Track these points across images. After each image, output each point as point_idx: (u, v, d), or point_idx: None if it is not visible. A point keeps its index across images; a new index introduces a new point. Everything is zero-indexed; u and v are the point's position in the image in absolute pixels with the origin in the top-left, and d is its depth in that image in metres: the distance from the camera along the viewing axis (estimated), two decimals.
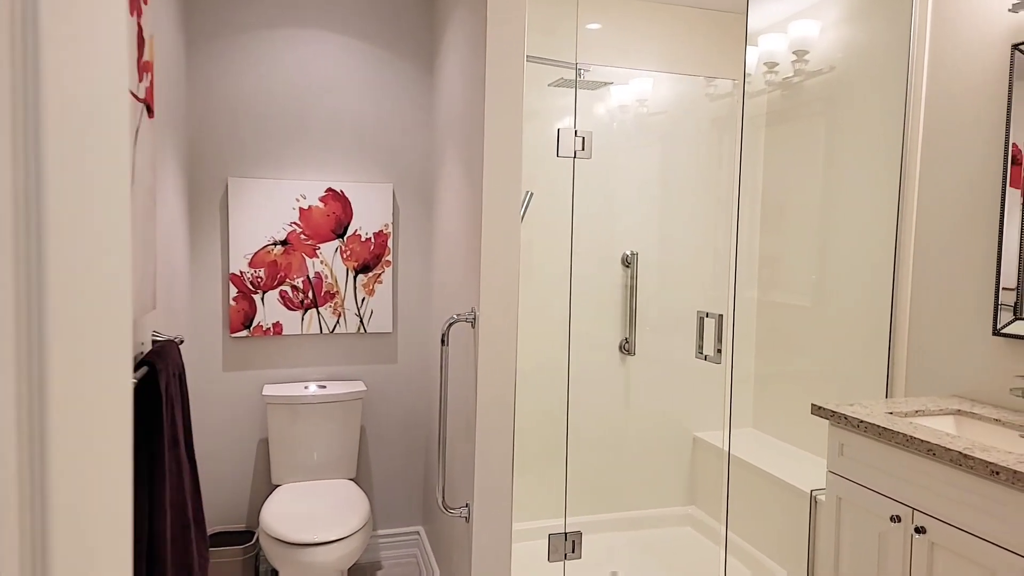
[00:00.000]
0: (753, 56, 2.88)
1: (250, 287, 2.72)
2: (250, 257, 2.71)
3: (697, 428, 3.04)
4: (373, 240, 2.84)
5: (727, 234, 3.01)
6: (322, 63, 2.79)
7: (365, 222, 2.83)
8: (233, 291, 2.70)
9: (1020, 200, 1.87)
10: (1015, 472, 1.40)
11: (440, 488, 2.22)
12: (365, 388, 2.82)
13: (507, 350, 2.08)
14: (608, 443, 2.95)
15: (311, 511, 2.39)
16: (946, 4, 2.11)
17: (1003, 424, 1.80)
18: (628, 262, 2.90)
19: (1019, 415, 1.85)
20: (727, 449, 2.84)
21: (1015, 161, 1.89)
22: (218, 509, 2.80)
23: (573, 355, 2.87)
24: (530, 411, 2.85)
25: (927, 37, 2.17)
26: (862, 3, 2.46)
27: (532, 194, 2.47)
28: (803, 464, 2.59)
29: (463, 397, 2.26)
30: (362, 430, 2.96)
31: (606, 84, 2.77)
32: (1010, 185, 1.90)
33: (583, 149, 2.24)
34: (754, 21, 2.87)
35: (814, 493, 2.30)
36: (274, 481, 2.68)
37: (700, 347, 2.44)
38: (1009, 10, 1.87)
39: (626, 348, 2.93)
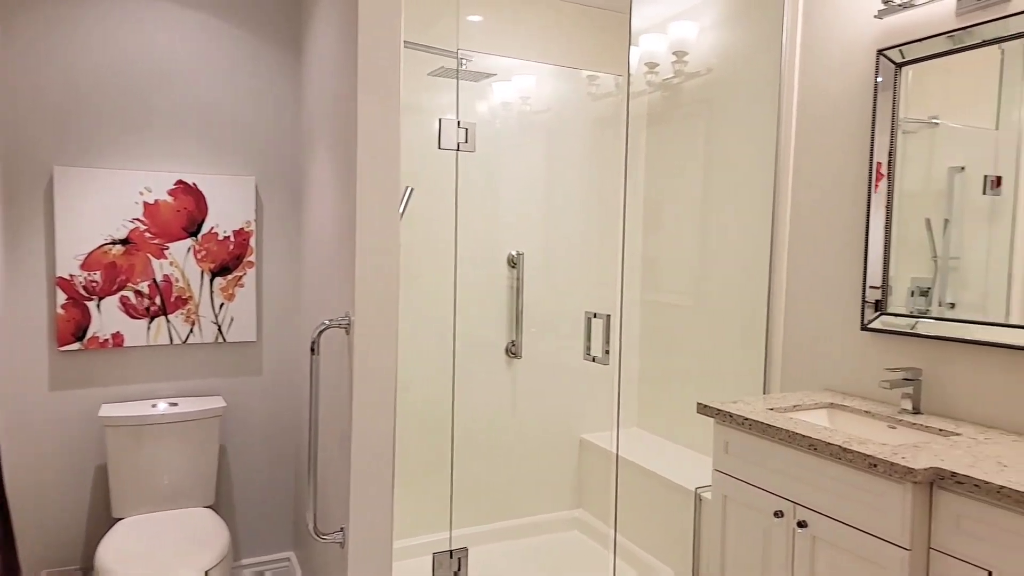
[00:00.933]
0: (634, 56, 2.89)
1: (83, 293, 2.35)
2: (83, 258, 2.35)
3: (584, 430, 3.00)
4: (233, 239, 2.56)
5: (613, 234, 3.00)
6: (172, 40, 2.48)
7: (223, 219, 2.54)
8: (61, 297, 2.33)
9: (884, 203, 1.96)
10: (892, 464, 1.43)
11: (311, 512, 2.01)
12: (224, 404, 2.53)
13: (386, 357, 1.91)
14: (494, 450, 2.84)
15: (158, 547, 2.09)
16: (816, 9, 2.18)
17: (872, 416, 1.87)
18: (514, 262, 2.81)
19: (886, 406, 1.93)
20: (615, 450, 2.82)
21: (879, 167, 1.97)
22: (47, 549, 2.41)
23: (458, 359, 2.74)
24: (412, 420, 2.68)
25: (798, 42, 2.24)
26: (737, 6, 2.51)
27: (412, 190, 2.32)
28: (688, 462, 2.61)
29: (337, 410, 2.06)
30: (221, 451, 2.66)
31: (489, 76, 2.66)
32: (875, 190, 1.98)
33: (466, 141, 2.11)
34: (635, 20, 2.88)
35: (699, 491, 2.31)
36: (115, 514, 2.34)
37: (588, 348, 2.39)
38: (875, 16, 1.95)
39: (512, 351, 2.83)
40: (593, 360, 2.38)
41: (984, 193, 1.73)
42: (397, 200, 1.88)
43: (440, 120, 2.10)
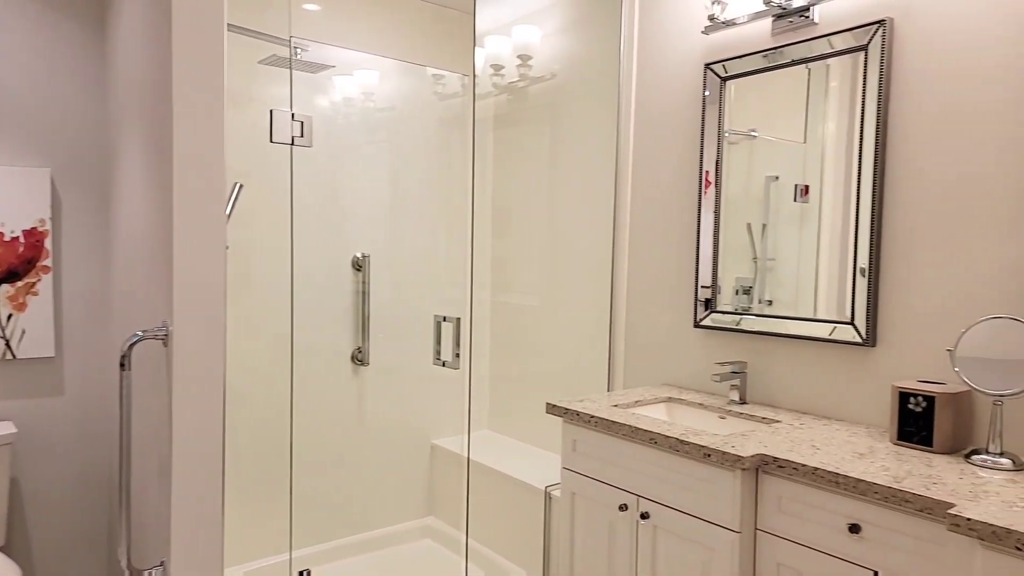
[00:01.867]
0: (480, 57, 2.88)
1: None
2: None
3: (435, 435, 2.94)
4: (22, 240, 2.21)
5: (462, 236, 2.97)
6: None
7: (9, 217, 2.18)
8: None
9: (712, 209, 2.09)
10: (723, 453, 1.51)
11: (124, 546, 1.77)
12: (15, 430, 2.17)
13: (212, 369, 1.73)
14: (340, 462, 2.69)
15: None
16: (650, 21, 2.29)
17: (706, 407, 1.98)
18: (359, 265, 2.68)
19: (717, 398, 2.06)
20: (466, 454, 2.78)
21: (707, 175, 2.10)
22: None
23: (298, 368, 2.56)
24: (247, 435, 2.47)
25: (635, 51, 2.33)
26: (578, 14, 2.58)
27: (241, 186, 2.13)
28: (539, 462, 2.63)
29: (156, 430, 1.84)
30: (13, 484, 2.29)
31: (327, 67, 2.51)
32: (704, 196, 2.11)
33: (302, 135, 1.97)
34: (480, 22, 2.86)
35: (548, 490, 2.34)
36: None
37: (438, 353, 2.33)
38: (702, 32, 2.07)
39: (359, 358, 2.70)
40: (443, 365, 2.33)
41: (795, 200, 1.90)
42: (223, 197, 1.70)
43: (271, 111, 1.94)
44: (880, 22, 1.69)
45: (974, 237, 1.56)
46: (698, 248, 2.12)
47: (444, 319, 2.34)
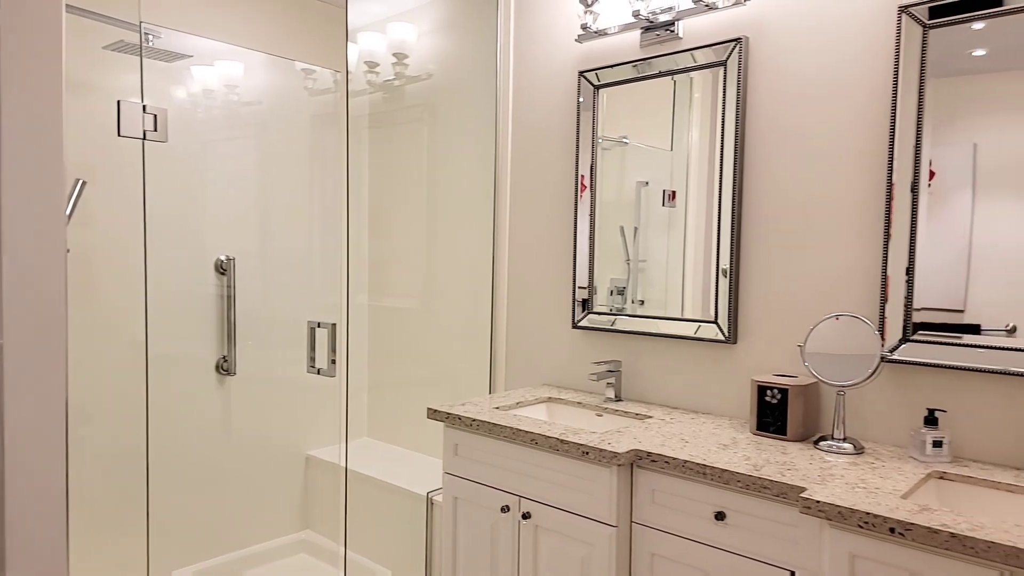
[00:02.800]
0: (353, 53, 2.79)
1: None
2: None
3: (310, 446, 2.82)
4: None
5: (336, 238, 2.86)
6: None
7: None
8: None
9: (588, 212, 2.15)
10: (600, 450, 1.56)
11: None
12: None
13: (52, 386, 1.55)
14: (206, 479, 2.51)
15: None
16: (525, 26, 2.31)
17: (584, 406, 2.04)
18: (223, 269, 2.51)
19: (594, 396, 2.13)
20: (344, 464, 2.69)
21: (583, 179, 2.16)
22: None
23: (155, 379, 2.36)
24: (98, 457, 2.24)
25: (511, 55, 2.35)
26: (453, 15, 2.56)
27: (84, 183, 1.92)
28: (421, 467, 2.59)
29: None
30: None
31: (183, 57, 2.33)
32: (580, 199, 2.16)
33: (155, 130, 1.81)
34: (353, 17, 2.77)
35: (430, 495, 2.31)
36: None
37: (312, 360, 2.23)
38: (575, 40, 2.12)
39: (224, 368, 2.53)
40: (318, 372, 2.24)
41: (663, 205, 1.99)
42: (61, 195, 1.53)
43: (119, 102, 1.77)
44: (737, 40, 1.81)
45: (821, 240, 1.71)
46: (575, 250, 2.17)
47: (319, 325, 2.24)
